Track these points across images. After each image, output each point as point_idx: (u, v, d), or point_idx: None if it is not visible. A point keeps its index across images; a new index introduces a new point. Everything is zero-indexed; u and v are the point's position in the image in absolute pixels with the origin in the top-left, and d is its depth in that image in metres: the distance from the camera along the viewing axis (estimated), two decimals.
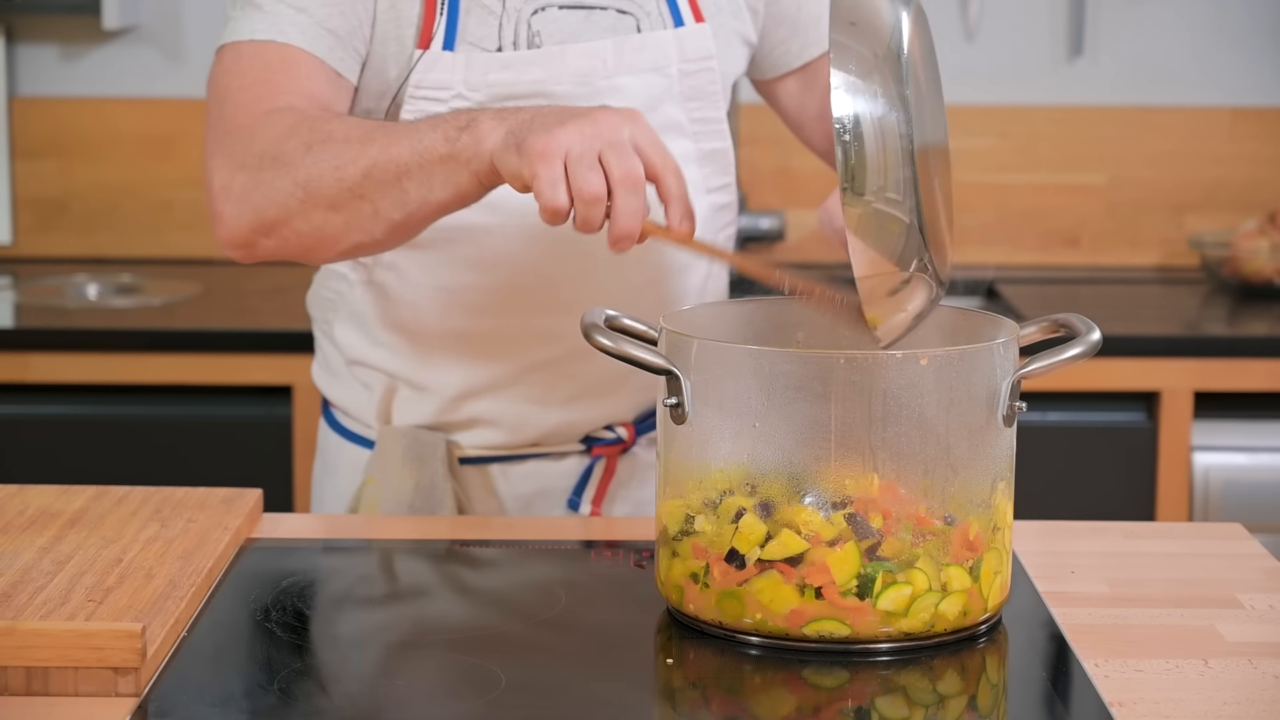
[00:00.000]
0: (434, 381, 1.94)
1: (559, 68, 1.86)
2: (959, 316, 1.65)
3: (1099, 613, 1.60)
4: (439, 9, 1.84)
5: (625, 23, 1.89)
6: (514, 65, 1.85)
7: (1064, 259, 3.59)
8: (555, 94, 1.86)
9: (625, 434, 1.97)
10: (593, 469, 1.98)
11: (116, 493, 1.79)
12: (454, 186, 1.68)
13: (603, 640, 1.57)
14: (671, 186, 1.61)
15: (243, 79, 1.81)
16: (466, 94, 1.84)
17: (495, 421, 1.95)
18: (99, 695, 1.42)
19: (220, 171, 1.77)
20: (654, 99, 1.90)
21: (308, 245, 1.77)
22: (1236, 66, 3.56)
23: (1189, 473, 3.01)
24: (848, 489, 1.49)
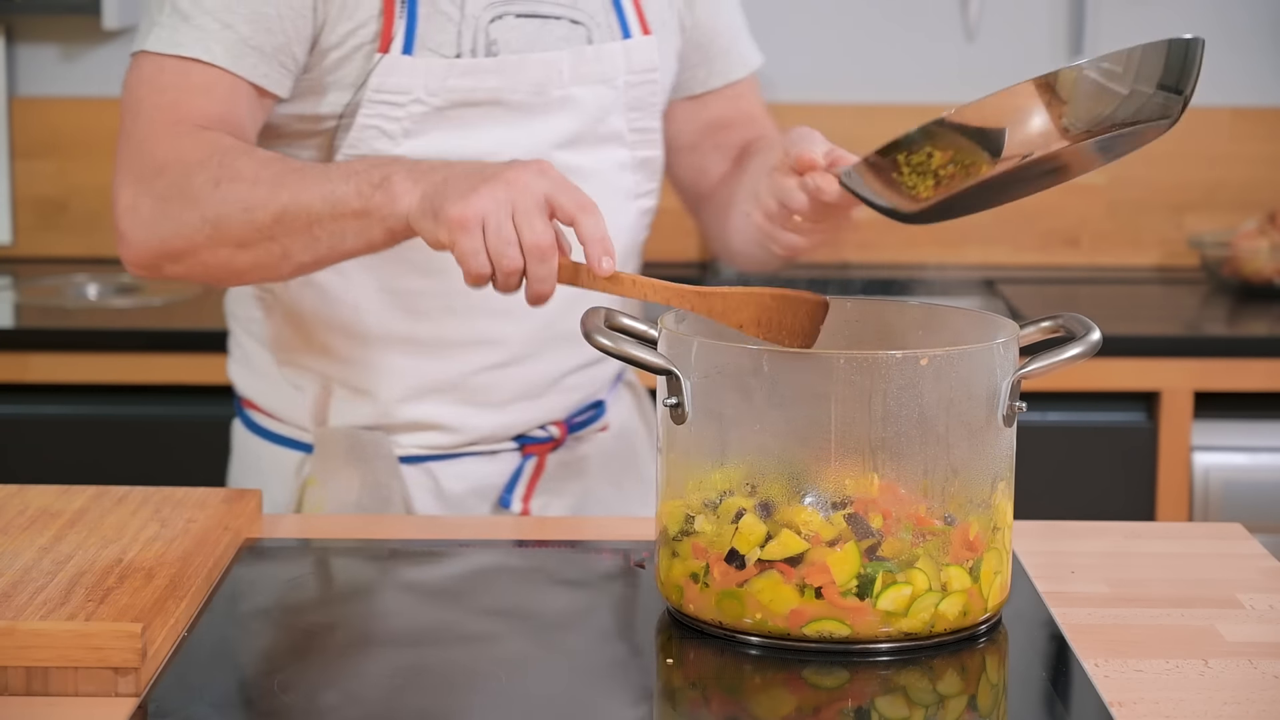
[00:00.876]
0: (374, 384, 1.96)
1: (516, 77, 1.89)
2: (959, 316, 1.65)
3: (1099, 613, 1.60)
4: (397, 13, 1.84)
5: (578, 33, 1.92)
6: (472, 72, 1.87)
7: (1064, 259, 3.59)
8: (510, 102, 1.89)
9: (558, 432, 2.02)
10: (524, 465, 2.00)
11: (116, 493, 1.79)
12: (365, 240, 1.73)
13: (603, 640, 1.57)
14: (588, 228, 1.63)
15: (160, 95, 1.81)
16: (425, 98, 1.86)
17: (435, 424, 1.97)
18: (99, 695, 1.42)
19: (126, 190, 1.79)
20: (603, 109, 1.94)
21: (215, 276, 1.81)
22: (1236, 66, 3.56)
23: (1189, 473, 3.01)
24: (848, 489, 1.49)
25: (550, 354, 1.98)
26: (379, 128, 1.86)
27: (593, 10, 1.94)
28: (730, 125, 2.12)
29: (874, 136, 2.50)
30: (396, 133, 1.87)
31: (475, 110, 1.88)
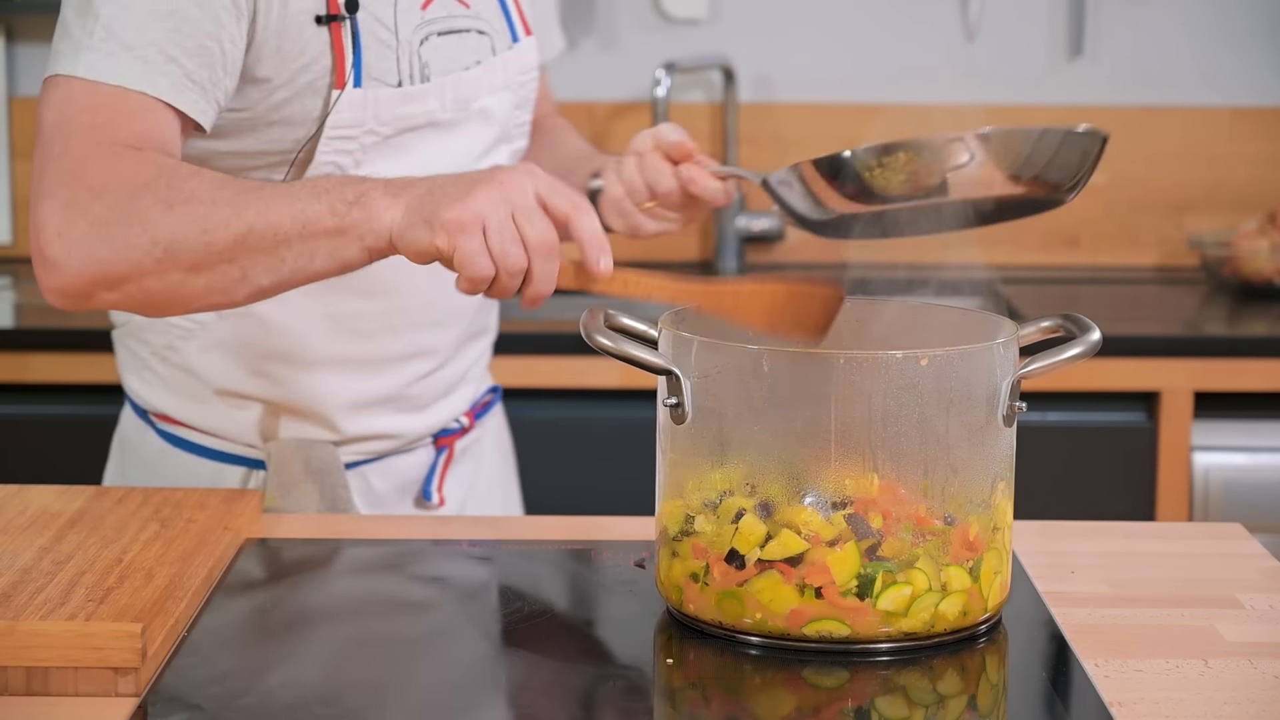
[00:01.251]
0: (318, 404, 1.97)
1: (446, 96, 1.90)
2: (959, 316, 1.65)
3: (1099, 613, 1.60)
4: (347, 48, 1.82)
5: (484, 43, 1.95)
6: (414, 98, 1.88)
7: (1064, 259, 3.59)
8: (442, 121, 1.90)
9: (467, 422, 2.09)
10: (438, 458, 2.07)
11: (116, 493, 1.79)
12: (338, 260, 1.67)
13: (603, 640, 1.57)
14: (584, 227, 1.63)
15: (93, 116, 1.71)
16: (376, 129, 1.86)
17: (377, 434, 2.01)
18: (99, 695, 1.42)
19: (55, 215, 1.68)
20: (507, 113, 1.98)
21: (157, 302, 1.71)
22: (1236, 66, 3.56)
23: (1189, 473, 3.01)
24: (848, 489, 1.49)
25: (463, 354, 2.05)
26: (334, 162, 1.86)
27: (490, 17, 1.97)
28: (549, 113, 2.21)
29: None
30: (349, 165, 1.86)
31: (414, 134, 1.89)
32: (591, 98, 3.55)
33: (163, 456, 2.01)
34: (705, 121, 3.55)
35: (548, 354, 3.00)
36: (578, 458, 3.02)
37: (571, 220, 1.62)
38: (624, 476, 2.72)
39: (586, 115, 3.54)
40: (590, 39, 3.54)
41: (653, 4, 3.54)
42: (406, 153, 1.89)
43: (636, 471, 2.16)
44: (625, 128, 3.54)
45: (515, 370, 3.00)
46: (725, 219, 3.50)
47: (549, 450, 3.01)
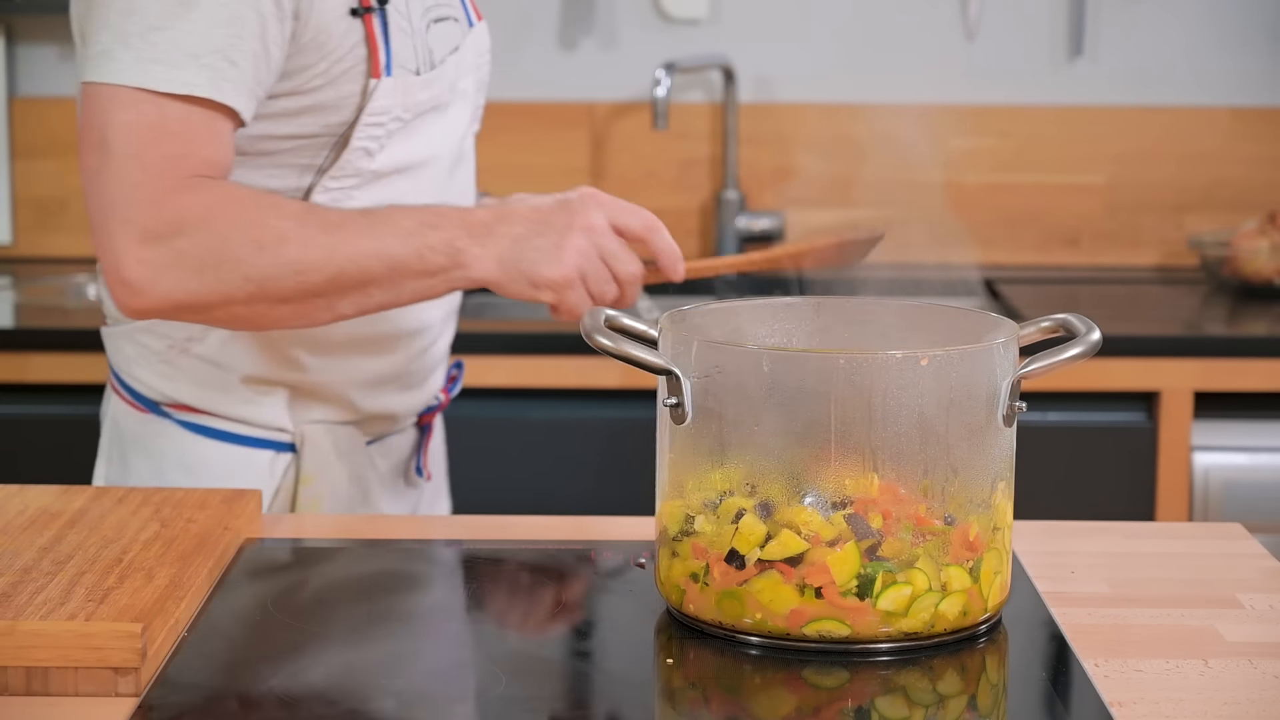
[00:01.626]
0: (338, 385, 2.02)
1: (447, 79, 2.00)
2: (959, 316, 1.65)
3: (1099, 613, 1.60)
4: (378, 36, 1.90)
5: (458, 29, 2.04)
6: (429, 84, 1.97)
7: (1064, 259, 3.59)
8: (443, 104, 1.99)
9: (443, 398, 2.18)
10: (424, 432, 2.15)
11: (116, 493, 1.79)
12: (424, 294, 1.84)
13: (603, 640, 1.57)
14: (660, 244, 1.85)
15: (169, 146, 1.77)
16: (402, 114, 1.94)
17: (387, 413, 2.08)
18: (99, 695, 1.42)
19: (132, 243, 1.77)
20: (476, 93, 2.09)
21: (240, 324, 1.85)
22: (1236, 67, 3.56)
23: (1189, 473, 3.01)
24: (848, 489, 1.49)
25: (448, 329, 2.14)
26: (365, 148, 1.93)
27: (455, 3, 2.06)
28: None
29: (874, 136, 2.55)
30: (375, 150, 1.94)
31: (424, 118, 1.98)
32: (591, 98, 3.55)
33: (184, 446, 2.03)
34: (705, 121, 3.55)
35: (548, 354, 3.00)
36: (578, 458, 3.02)
37: (649, 240, 1.84)
38: (624, 476, 2.72)
39: (587, 115, 3.54)
40: (590, 39, 3.54)
41: (653, 4, 3.54)
42: (417, 134, 1.98)
43: (636, 471, 2.16)
44: (625, 128, 3.54)
45: (515, 370, 3.00)
46: (725, 219, 3.50)
47: (549, 450, 3.01)
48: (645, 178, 3.56)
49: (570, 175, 3.55)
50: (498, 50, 3.52)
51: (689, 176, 3.56)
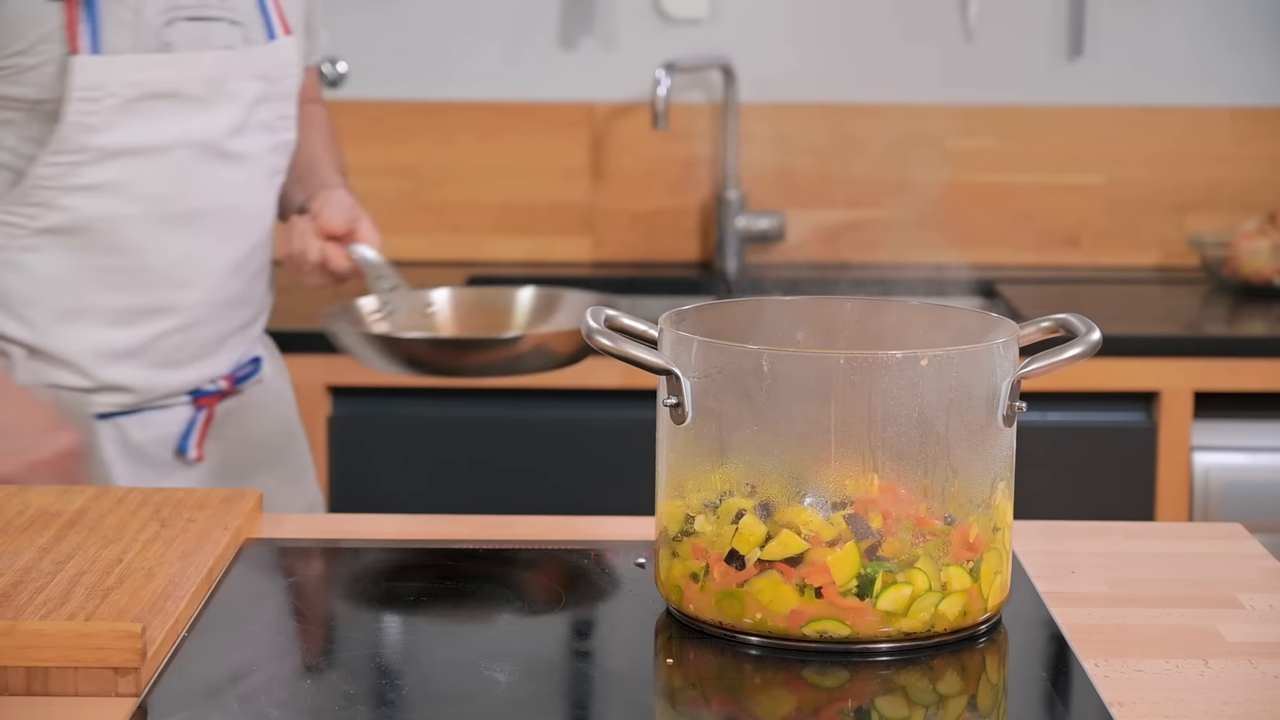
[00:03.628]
0: (72, 352, 2.15)
1: (191, 71, 2.13)
2: (959, 316, 1.65)
3: (1099, 613, 1.60)
4: (80, 19, 2.05)
5: (235, 33, 2.18)
6: (153, 67, 2.10)
7: (1064, 259, 3.59)
8: (188, 94, 2.12)
9: (225, 385, 2.27)
10: (197, 417, 2.23)
11: (116, 493, 1.79)
12: None
13: (603, 640, 1.57)
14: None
15: None
16: (118, 90, 2.07)
17: (126, 386, 2.18)
18: (99, 695, 1.42)
19: None
20: (256, 101, 2.19)
21: None
22: (1236, 66, 3.56)
23: (1189, 473, 3.01)
24: (848, 489, 1.49)
25: (220, 318, 2.23)
26: (81, 123, 2.07)
27: (246, 11, 2.19)
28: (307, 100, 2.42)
29: (874, 136, 2.53)
30: (97, 126, 2.08)
31: (160, 102, 2.11)
32: (591, 98, 3.55)
33: None
34: (705, 121, 3.55)
35: None
36: (578, 458, 3.02)
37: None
38: (624, 476, 2.72)
39: (587, 115, 3.54)
40: (590, 39, 3.54)
41: (653, 4, 3.54)
42: (153, 119, 2.11)
43: (636, 471, 2.16)
44: (625, 128, 3.54)
45: None
46: (726, 219, 3.50)
47: (549, 450, 3.01)
48: (645, 178, 3.56)
49: (570, 175, 3.55)
50: (498, 50, 3.53)
51: (689, 176, 3.57)
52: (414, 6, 3.53)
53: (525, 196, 3.56)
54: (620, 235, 3.57)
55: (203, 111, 2.14)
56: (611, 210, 3.57)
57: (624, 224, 3.57)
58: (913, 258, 3.53)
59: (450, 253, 3.56)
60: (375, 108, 3.52)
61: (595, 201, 3.56)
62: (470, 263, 3.54)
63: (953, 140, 3.56)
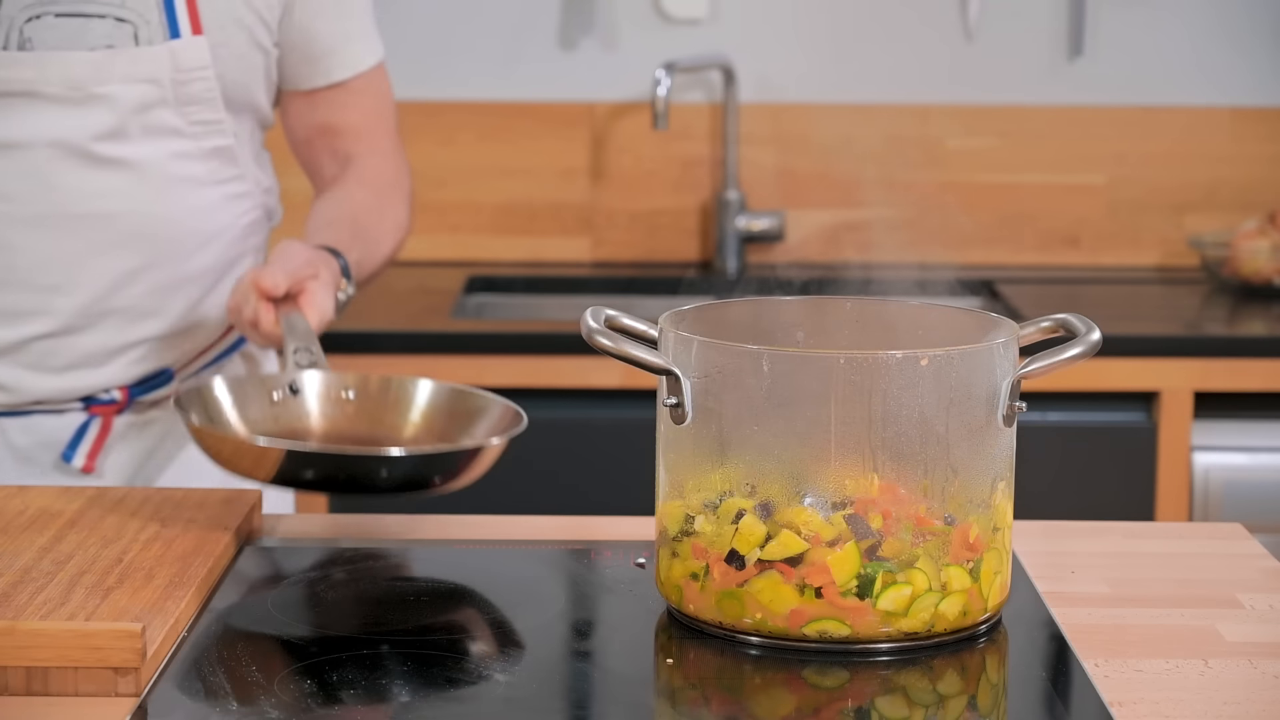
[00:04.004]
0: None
1: (49, 71, 2.03)
2: (959, 316, 1.65)
3: (1099, 613, 1.60)
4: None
5: (123, 30, 2.05)
6: (9, 65, 2.01)
7: (1064, 259, 3.59)
8: (46, 94, 2.03)
9: (120, 396, 2.15)
10: (89, 425, 2.13)
11: (116, 493, 1.79)
12: None
13: (603, 640, 1.57)
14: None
15: None
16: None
17: (5, 388, 2.11)
18: (99, 695, 1.42)
19: None
20: (146, 105, 2.07)
21: None
22: (1236, 66, 3.56)
23: (1189, 473, 3.01)
24: (848, 489, 1.49)
25: (106, 326, 2.12)
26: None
27: (143, 9, 2.06)
28: (339, 133, 2.26)
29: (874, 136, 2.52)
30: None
31: (17, 100, 2.03)
32: (591, 98, 3.55)
33: None
34: (705, 121, 3.55)
35: (548, 354, 3.00)
36: (578, 458, 3.02)
37: None
38: (624, 476, 2.72)
39: (587, 115, 3.54)
40: (590, 39, 3.54)
41: (653, 4, 3.54)
42: (11, 116, 2.04)
43: (636, 471, 2.16)
44: (625, 128, 3.54)
45: (515, 370, 3.00)
46: (725, 219, 3.50)
47: (549, 450, 3.01)
48: (645, 178, 3.56)
49: (570, 175, 3.55)
50: (498, 50, 3.53)
51: (689, 176, 3.57)
52: (414, 6, 3.53)
53: (525, 196, 3.56)
54: (620, 235, 3.58)
55: (66, 113, 2.04)
56: (611, 210, 3.57)
57: (624, 224, 3.57)
58: (913, 258, 3.53)
59: (450, 253, 3.56)
60: None
61: (595, 201, 3.56)
62: (470, 263, 3.54)
63: (953, 140, 3.56)
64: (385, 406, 1.86)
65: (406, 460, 1.71)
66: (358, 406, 1.86)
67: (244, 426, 1.81)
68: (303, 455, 1.70)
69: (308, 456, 1.70)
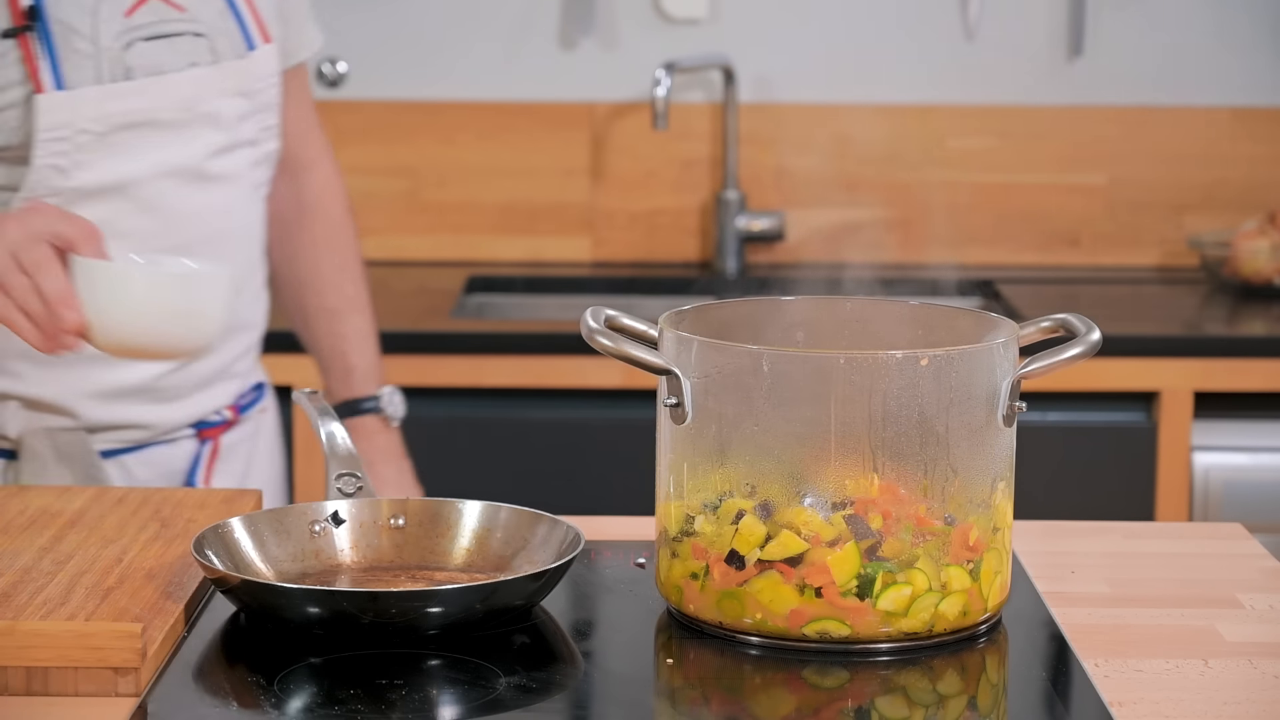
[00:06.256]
0: (64, 398, 2.04)
1: (161, 97, 2.00)
2: (959, 316, 1.65)
3: (1099, 613, 1.60)
4: (38, 54, 1.93)
5: (201, 45, 2.04)
6: (117, 96, 1.97)
7: (1064, 259, 3.59)
8: (162, 120, 2.00)
9: (230, 415, 2.17)
10: (202, 450, 2.15)
11: (116, 493, 1.79)
12: None
13: (603, 640, 1.57)
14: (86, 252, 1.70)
15: None
16: (88, 126, 1.96)
17: (128, 424, 2.09)
18: (99, 695, 1.42)
19: None
20: (240, 117, 2.07)
21: None
22: (1236, 66, 3.56)
23: (1189, 473, 3.01)
24: (848, 489, 1.49)
25: (221, 349, 2.11)
26: (53, 165, 1.95)
27: (212, 21, 2.05)
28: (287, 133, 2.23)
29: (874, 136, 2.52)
30: (68, 166, 1.96)
31: (134, 132, 1.99)
32: (591, 98, 3.55)
33: None
34: (705, 121, 3.55)
35: (548, 354, 3.00)
36: (578, 458, 3.02)
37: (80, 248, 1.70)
38: (624, 476, 2.72)
39: (587, 115, 3.54)
40: (590, 39, 3.54)
41: (653, 4, 3.54)
42: (127, 151, 1.99)
43: (636, 471, 2.16)
44: (625, 128, 3.54)
45: (515, 370, 3.00)
46: (725, 219, 3.50)
47: (549, 450, 3.01)
48: (645, 178, 3.56)
49: (570, 175, 3.55)
50: (498, 50, 3.53)
51: (689, 176, 3.56)
52: (414, 6, 3.53)
53: (525, 196, 3.56)
54: (620, 235, 3.57)
55: (179, 137, 2.02)
56: (611, 210, 3.57)
57: (624, 224, 3.57)
58: (913, 258, 3.53)
59: (450, 253, 3.56)
60: (375, 108, 3.52)
61: (595, 201, 3.56)
62: (470, 263, 3.54)
63: (953, 140, 3.56)
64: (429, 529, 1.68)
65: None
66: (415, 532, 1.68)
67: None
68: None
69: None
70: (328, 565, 1.64)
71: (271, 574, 1.60)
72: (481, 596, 1.50)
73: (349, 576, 1.63)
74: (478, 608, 1.50)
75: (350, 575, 1.63)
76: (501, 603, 1.52)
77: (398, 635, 1.49)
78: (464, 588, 1.50)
